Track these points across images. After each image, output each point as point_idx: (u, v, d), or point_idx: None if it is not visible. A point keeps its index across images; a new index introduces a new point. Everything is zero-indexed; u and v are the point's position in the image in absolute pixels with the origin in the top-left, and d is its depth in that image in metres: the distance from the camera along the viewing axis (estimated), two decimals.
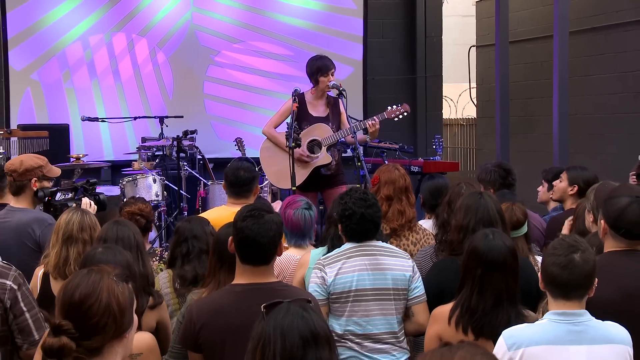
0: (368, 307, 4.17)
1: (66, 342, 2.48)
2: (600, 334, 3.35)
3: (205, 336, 3.58)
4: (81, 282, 2.58)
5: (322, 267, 4.23)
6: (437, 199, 5.45)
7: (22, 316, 3.66)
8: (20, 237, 5.02)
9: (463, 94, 14.13)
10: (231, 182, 5.70)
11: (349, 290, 4.16)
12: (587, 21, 10.76)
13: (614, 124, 10.61)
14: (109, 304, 2.52)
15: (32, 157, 5.57)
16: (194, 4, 11.11)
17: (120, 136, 10.71)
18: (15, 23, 10.48)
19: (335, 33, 11.56)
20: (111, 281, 2.57)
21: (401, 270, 4.23)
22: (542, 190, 6.52)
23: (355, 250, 4.26)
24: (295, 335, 2.65)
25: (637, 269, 3.80)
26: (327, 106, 7.62)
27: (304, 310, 2.74)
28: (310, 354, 2.64)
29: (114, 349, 2.58)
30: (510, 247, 3.81)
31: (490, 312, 3.69)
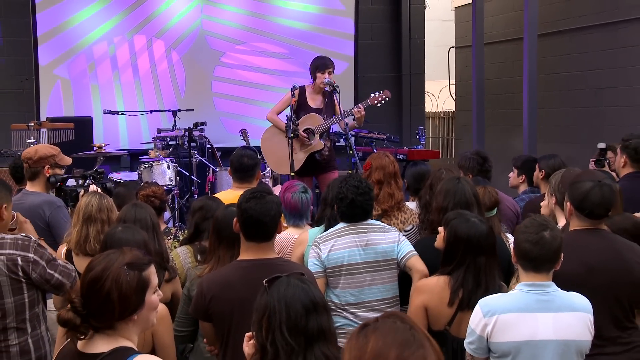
0: (360, 279, 4.17)
1: (71, 317, 2.52)
2: (565, 303, 3.37)
3: (215, 307, 3.58)
4: (96, 266, 2.60)
5: (317, 244, 4.24)
6: (420, 183, 5.44)
7: (52, 278, 3.70)
8: (32, 217, 5.00)
9: (443, 89, 14.11)
10: (236, 168, 5.70)
11: (341, 264, 4.16)
12: (553, 25, 10.74)
13: (577, 116, 10.62)
14: (109, 291, 2.52)
15: (46, 146, 5.64)
16: (203, 12, 11.07)
17: (135, 127, 10.67)
18: (45, 23, 10.40)
19: (329, 32, 11.52)
20: (120, 271, 2.57)
21: (389, 243, 4.23)
22: (513, 176, 6.50)
23: (346, 229, 4.26)
24: (298, 305, 2.66)
25: (598, 246, 3.81)
26: (323, 99, 7.69)
27: (302, 282, 2.75)
28: (312, 321, 2.65)
29: (125, 325, 2.59)
30: (489, 231, 3.83)
31: (475, 289, 3.70)
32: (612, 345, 3.69)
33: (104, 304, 2.52)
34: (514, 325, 3.30)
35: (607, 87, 10.11)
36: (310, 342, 2.64)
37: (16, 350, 3.65)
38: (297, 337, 2.62)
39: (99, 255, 2.68)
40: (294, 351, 2.62)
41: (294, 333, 2.63)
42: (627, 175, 5.51)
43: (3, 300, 3.61)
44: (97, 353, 2.52)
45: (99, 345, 2.55)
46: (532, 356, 3.29)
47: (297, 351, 2.62)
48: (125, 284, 2.55)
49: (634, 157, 5.49)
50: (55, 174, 5.41)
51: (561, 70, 10.88)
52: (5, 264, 3.61)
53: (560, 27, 10.81)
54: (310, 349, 2.63)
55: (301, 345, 2.62)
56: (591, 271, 3.69)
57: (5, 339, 3.63)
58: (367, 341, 1.87)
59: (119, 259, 2.61)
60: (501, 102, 11.71)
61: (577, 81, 10.66)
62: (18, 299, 3.64)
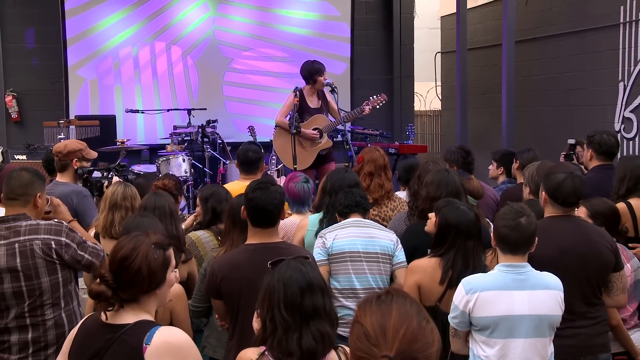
0: (360, 266, 4.14)
1: (104, 290, 2.52)
2: (538, 282, 3.38)
3: (225, 286, 3.58)
4: (125, 245, 2.61)
5: (323, 235, 4.21)
6: (409, 174, 5.43)
7: (83, 258, 3.71)
8: None
9: (430, 90, 14.09)
10: (242, 162, 5.70)
11: (344, 252, 4.13)
12: (529, 32, 10.73)
13: (550, 114, 10.62)
14: (140, 267, 2.54)
15: (74, 142, 5.67)
16: (214, 23, 11.07)
17: (151, 125, 10.68)
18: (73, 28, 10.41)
19: (328, 37, 11.50)
20: (149, 249, 2.58)
21: (387, 240, 4.19)
22: (492, 168, 6.51)
23: (349, 223, 4.24)
24: (295, 285, 2.67)
25: (570, 231, 3.82)
26: (318, 99, 7.68)
27: (302, 265, 2.76)
28: (307, 300, 2.65)
29: (148, 299, 2.61)
30: (476, 217, 3.84)
31: (464, 270, 3.71)
32: (582, 320, 3.72)
33: (135, 278, 2.53)
34: (493, 302, 3.30)
35: (577, 88, 10.10)
36: (305, 319, 2.64)
37: (52, 323, 3.66)
38: (294, 314, 2.63)
39: (126, 236, 2.69)
40: (290, 327, 2.63)
41: (290, 310, 2.64)
42: (594, 168, 5.52)
43: (40, 280, 3.62)
44: (123, 324, 2.52)
45: (124, 318, 2.55)
46: (509, 329, 3.29)
47: (294, 327, 2.63)
48: (154, 261, 2.57)
49: (599, 150, 5.50)
50: (82, 167, 5.47)
51: (536, 74, 10.87)
52: (41, 248, 3.61)
53: (535, 35, 10.80)
54: (305, 325, 2.63)
55: (297, 322, 2.63)
56: (563, 253, 3.70)
57: (42, 313, 3.64)
58: (390, 308, 1.86)
59: (146, 239, 2.62)
60: (482, 101, 11.70)
61: (550, 83, 10.66)
62: (53, 279, 3.65)
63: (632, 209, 4.71)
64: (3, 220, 3.70)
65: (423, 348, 1.79)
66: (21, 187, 3.75)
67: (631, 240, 4.68)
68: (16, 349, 3.61)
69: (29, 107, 10.61)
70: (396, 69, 12.22)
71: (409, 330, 1.80)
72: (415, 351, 1.77)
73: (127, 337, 2.48)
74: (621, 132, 9.17)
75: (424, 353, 1.78)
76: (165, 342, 2.44)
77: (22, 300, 3.60)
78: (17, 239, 3.62)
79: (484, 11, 11.98)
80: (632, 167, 4.87)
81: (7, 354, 3.61)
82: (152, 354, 2.42)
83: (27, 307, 3.60)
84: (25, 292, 3.60)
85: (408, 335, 1.79)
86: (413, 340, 1.78)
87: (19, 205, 3.74)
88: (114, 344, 2.48)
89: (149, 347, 2.43)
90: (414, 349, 1.77)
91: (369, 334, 1.81)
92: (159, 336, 2.45)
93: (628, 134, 9.15)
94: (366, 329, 1.83)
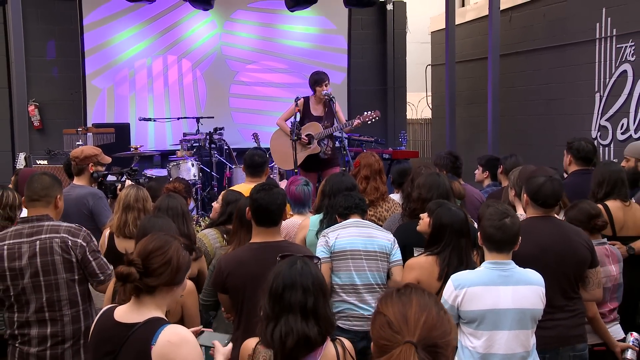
0: (361, 263, 4.14)
1: (133, 272, 2.53)
2: (522, 278, 3.39)
3: (231, 281, 3.60)
4: (159, 238, 2.64)
5: (326, 234, 4.21)
6: (403, 178, 5.44)
7: (90, 264, 3.71)
8: (78, 206, 5.11)
9: (421, 100, 14.10)
10: (248, 165, 5.71)
11: (345, 250, 4.13)
12: (513, 47, 10.75)
13: (533, 122, 10.63)
14: (171, 258, 2.57)
15: (90, 148, 5.70)
16: (221, 39, 11.08)
17: (161, 132, 10.69)
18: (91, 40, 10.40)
19: (326, 49, 11.51)
20: (180, 246, 2.63)
21: (385, 240, 4.20)
22: (478, 172, 6.52)
23: (350, 224, 4.25)
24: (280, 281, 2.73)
25: (550, 230, 3.83)
26: (324, 108, 7.72)
27: (298, 263, 2.80)
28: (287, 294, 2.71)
29: (164, 295, 2.61)
30: (465, 217, 3.86)
31: (458, 266, 3.71)
32: (561, 312, 3.73)
33: (164, 266, 2.55)
34: (480, 296, 3.31)
35: (557, 98, 10.11)
36: (282, 312, 2.70)
37: (69, 319, 3.67)
38: (274, 305, 2.71)
39: (154, 234, 2.72)
40: (269, 317, 2.71)
41: (272, 301, 2.71)
42: (573, 172, 5.52)
43: (57, 275, 3.64)
44: (134, 323, 2.52)
45: (135, 315, 2.55)
46: (495, 322, 3.30)
47: (271, 317, 2.70)
48: (182, 258, 2.61)
49: (577, 156, 5.50)
50: (97, 171, 5.51)
51: (519, 85, 10.88)
52: (60, 246, 3.64)
53: (518, 49, 10.81)
54: (282, 317, 2.69)
55: (275, 312, 2.70)
56: (544, 251, 3.72)
57: (60, 309, 3.65)
58: (410, 299, 1.86)
59: (176, 240, 2.66)
60: (470, 110, 11.71)
61: (532, 94, 10.67)
62: (69, 276, 3.66)
63: (609, 211, 4.72)
64: (27, 220, 3.73)
65: (442, 335, 1.80)
66: (43, 190, 3.77)
67: (610, 239, 4.70)
68: (35, 342, 3.63)
69: (49, 116, 10.63)
70: (390, 80, 12.25)
71: (429, 319, 1.81)
72: (435, 338, 1.78)
73: (137, 336, 2.49)
74: (597, 139, 9.19)
75: (442, 340, 1.79)
76: (168, 341, 2.45)
77: (41, 294, 3.61)
78: (39, 237, 3.64)
79: (470, 27, 11.99)
80: (609, 172, 4.87)
81: (27, 346, 3.63)
82: (157, 354, 2.43)
83: (46, 302, 3.62)
84: (43, 286, 3.62)
85: (428, 323, 1.80)
86: (433, 327, 1.79)
87: (41, 206, 3.76)
88: (125, 344, 2.49)
89: (154, 347, 2.44)
90: (434, 335, 1.78)
91: (392, 322, 1.81)
92: (163, 336, 2.46)
93: (604, 140, 9.16)
94: (389, 318, 1.83)
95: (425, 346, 1.75)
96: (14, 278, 3.61)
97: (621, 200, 4.77)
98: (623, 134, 8.81)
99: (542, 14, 10.41)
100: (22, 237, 3.64)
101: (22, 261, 3.60)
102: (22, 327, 3.64)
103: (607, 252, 4.16)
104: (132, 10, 10.30)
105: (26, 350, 3.63)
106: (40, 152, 9.05)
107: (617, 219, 4.72)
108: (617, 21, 8.92)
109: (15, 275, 3.61)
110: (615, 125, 8.97)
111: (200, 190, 8.71)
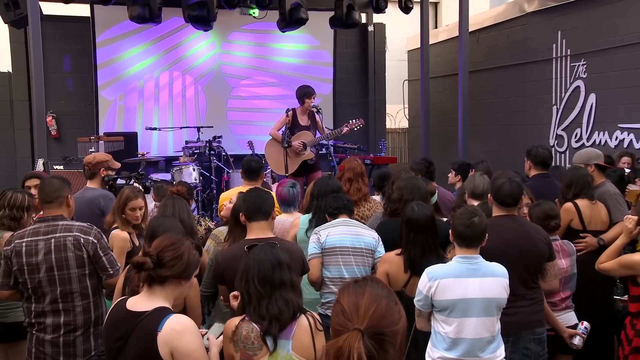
0: (348, 259, 4.15)
1: (147, 261, 2.56)
2: (488, 271, 3.40)
3: (227, 274, 3.62)
4: (173, 236, 2.69)
5: (318, 232, 4.23)
6: (383, 181, 5.47)
7: (101, 259, 3.71)
8: (90, 206, 5.12)
9: (399, 112, 14.13)
10: (245, 170, 5.71)
11: (335, 247, 4.15)
12: (480, 64, 10.81)
13: (498, 131, 10.69)
14: (182, 254, 2.59)
15: (101, 154, 5.75)
16: (220, 59, 11.04)
17: (164, 140, 10.64)
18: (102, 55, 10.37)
19: (314, 63, 11.49)
20: (191, 245, 2.66)
21: (370, 238, 4.22)
22: (451, 176, 6.55)
23: (339, 222, 4.27)
24: (267, 262, 2.79)
25: (513, 228, 3.86)
26: (308, 118, 7.82)
27: (272, 247, 2.88)
28: (276, 274, 2.77)
29: (173, 287, 2.62)
30: (430, 215, 3.85)
31: (420, 260, 3.72)
32: (522, 300, 3.76)
33: (176, 259, 2.57)
34: (451, 287, 3.33)
35: (519, 110, 10.18)
36: (274, 289, 2.74)
37: (80, 309, 3.67)
38: (265, 285, 2.74)
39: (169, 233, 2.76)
40: (262, 296, 2.72)
41: (262, 283, 2.74)
42: (533, 176, 5.57)
43: (69, 270, 3.64)
44: (142, 311, 2.53)
45: (144, 305, 2.56)
46: (464, 310, 3.32)
47: (264, 296, 2.72)
48: (192, 255, 2.63)
49: (535, 161, 5.55)
50: (108, 175, 5.54)
51: (485, 98, 10.95)
52: (72, 244, 3.64)
53: (484, 66, 10.88)
54: (273, 294, 2.73)
55: (267, 291, 2.73)
56: (508, 247, 3.74)
57: (72, 300, 3.66)
58: (364, 291, 1.86)
59: (188, 240, 2.69)
60: (442, 121, 11.76)
61: (497, 106, 10.73)
62: (81, 271, 3.67)
63: (578, 208, 4.81)
64: (44, 220, 3.74)
65: (390, 324, 1.80)
66: (55, 192, 3.78)
67: (581, 232, 4.80)
68: (50, 329, 3.64)
69: (65, 126, 10.60)
70: (371, 93, 12.28)
71: (379, 309, 1.80)
72: (383, 327, 1.78)
73: (145, 323, 2.50)
74: (555, 147, 9.26)
75: (390, 329, 1.79)
76: (172, 329, 2.46)
77: (55, 287, 3.62)
78: (54, 235, 3.65)
79: (443, 46, 12.06)
80: (577, 176, 4.95)
81: (43, 334, 3.65)
82: (162, 339, 2.45)
83: (59, 294, 3.62)
84: (57, 280, 3.62)
85: (377, 313, 1.79)
86: (381, 317, 1.79)
87: (55, 207, 3.77)
88: (135, 330, 2.50)
89: (160, 333, 2.45)
90: (382, 324, 1.78)
91: (345, 310, 1.82)
92: (168, 324, 2.47)
93: (560, 148, 9.24)
94: (343, 306, 1.83)
95: (372, 334, 1.75)
96: (31, 272, 3.62)
97: (588, 199, 4.87)
98: (577, 142, 8.89)
99: (505, 36, 10.49)
100: (39, 235, 3.65)
101: (38, 257, 3.61)
102: (38, 316, 3.65)
103: (558, 248, 4.20)
104: (141, 30, 10.26)
105: (42, 337, 3.64)
106: (57, 158, 9.05)
107: (585, 215, 4.84)
108: (571, 42, 9.01)
109: (32, 270, 3.62)
110: (570, 135, 9.05)
111: (201, 192, 8.69)
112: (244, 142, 10.38)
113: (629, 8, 8.04)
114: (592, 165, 5.27)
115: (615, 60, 8.27)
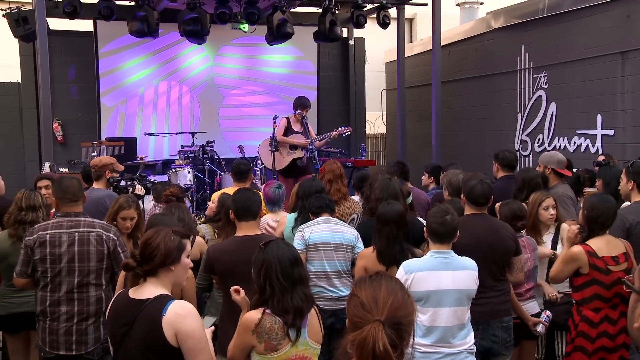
0: (331, 254, 4.15)
1: (129, 262, 2.57)
2: (460, 264, 3.41)
3: (218, 266, 3.64)
4: (151, 230, 2.66)
5: (302, 230, 4.23)
6: (362, 182, 5.46)
7: (119, 255, 3.75)
8: (97, 205, 5.08)
9: (378, 118, 14.16)
10: (235, 172, 5.73)
11: (318, 243, 4.15)
12: (451, 75, 10.87)
13: (469, 137, 10.75)
14: (158, 244, 2.55)
15: (107, 157, 5.76)
16: (213, 71, 10.97)
17: (160, 144, 10.55)
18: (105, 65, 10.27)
19: (299, 72, 11.43)
20: (167, 233, 2.59)
21: (350, 234, 4.23)
22: (425, 178, 6.56)
23: (322, 220, 4.27)
24: (287, 259, 2.77)
25: (482, 225, 3.87)
26: (301, 125, 8.14)
27: (286, 245, 2.87)
28: (295, 270, 2.77)
29: (165, 274, 2.59)
30: (398, 211, 3.85)
31: (385, 250, 3.73)
32: (491, 292, 3.77)
33: (153, 252, 2.54)
34: (425, 280, 3.33)
35: (487, 117, 10.25)
36: (294, 284, 2.74)
37: (94, 299, 3.70)
38: (287, 280, 2.73)
39: (152, 229, 2.72)
40: (286, 290, 2.72)
41: (285, 278, 2.73)
42: (500, 178, 5.59)
43: (89, 263, 3.68)
44: (145, 299, 2.52)
45: (146, 292, 2.54)
46: (438, 300, 3.32)
47: (287, 290, 2.73)
48: (170, 242, 2.56)
49: (502, 164, 5.56)
50: (113, 177, 5.55)
51: (457, 106, 11.00)
52: (95, 239, 3.69)
53: (455, 77, 10.94)
54: (295, 288, 2.74)
55: (289, 286, 2.73)
56: (478, 242, 3.75)
57: (87, 290, 3.68)
58: (380, 285, 1.85)
59: (165, 229, 2.65)
60: (417, 127, 11.81)
61: (467, 113, 10.79)
62: (99, 265, 3.70)
63: None
64: (66, 215, 3.78)
65: (406, 315, 1.80)
66: (78, 192, 3.86)
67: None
68: (64, 318, 3.65)
69: (70, 132, 10.51)
70: (352, 101, 12.27)
71: (396, 301, 1.80)
72: (400, 317, 1.78)
73: (149, 309, 2.48)
74: (519, 150, 9.33)
75: (406, 319, 1.80)
76: (176, 313, 2.44)
77: (73, 277, 3.65)
78: (77, 230, 3.70)
79: (417, 59, 12.10)
80: (528, 178, 4.94)
81: (56, 322, 3.65)
82: (167, 322, 2.43)
83: (76, 284, 3.65)
84: (77, 271, 3.65)
85: (395, 305, 1.79)
86: (398, 308, 1.79)
87: (76, 205, 3.83)
88: (139, 315, 2.48)
89: (164, 317, 2.43)
90: (399, 315, 1.78)
91: (364, 303, 1.80)
92: (171, 309, 2.45)
93: (524, 152, 9.31)
94: (362, 300, 1.81)
95: (391, 324, 1.75)
96: (53, 262, 3.65)
97: None
98: (539, 147, 8.96)
99: (474, 49, 10.56)
100: (62, 228, 3.70)
101: (61, 248, 3.65)
102: (53, 305, 3.66)
103: (524, 243, 4.21)
104: (140, 44, 10.16)
105: (55, 325, 3.65)
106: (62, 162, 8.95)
107: None
108: (533, 56, 9.09)
109: (54, 260, 3.65)
110: (534, 139, 9.13)
111: (195, 192, 8.66)
112: (235, 146, 10.33)
113: (585, 25, 8.13)
114: (550, 168, 5.29)
115: (574, 72, 8.35)
